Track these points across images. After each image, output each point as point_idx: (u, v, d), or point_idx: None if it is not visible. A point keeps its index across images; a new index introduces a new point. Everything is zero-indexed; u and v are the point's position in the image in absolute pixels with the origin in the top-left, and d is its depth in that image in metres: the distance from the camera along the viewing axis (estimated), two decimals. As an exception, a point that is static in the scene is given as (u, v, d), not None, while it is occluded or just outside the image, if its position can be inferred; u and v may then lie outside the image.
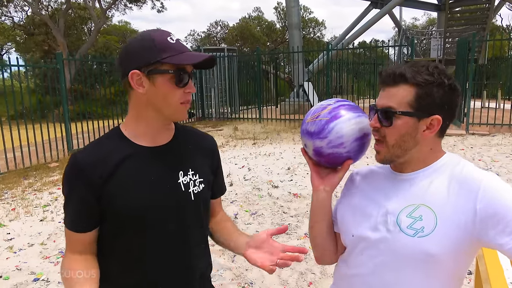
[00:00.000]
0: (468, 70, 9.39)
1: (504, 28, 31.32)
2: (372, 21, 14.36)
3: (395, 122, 0.97)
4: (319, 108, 1.11)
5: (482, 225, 0.88)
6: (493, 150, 7.68)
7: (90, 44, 22.30)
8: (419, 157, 1.01)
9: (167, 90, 1.02)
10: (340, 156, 1.08)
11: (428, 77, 0.94)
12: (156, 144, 1.10)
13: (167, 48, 1.00)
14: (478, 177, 0.92)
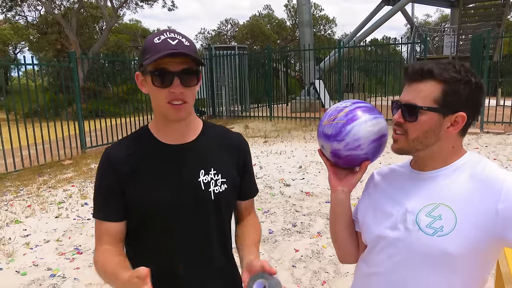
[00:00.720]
0: (483, 68, 9.23)
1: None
2: (384, 18, 14.20)
3: (420, 117, 0.96)
4: (335, 111, 1.11)
5: (504, 225, 0.87)
6: (508, 149, 7.54)
7: (102, 43, 22.51)
8: (441, 155, 1.00)
9: (151, 91, 1.05)
10: (358, 157, 1.09)
11: (455, 75, 0.94)
12: (180, 142, 1.13)
13: (149, 49, 1.02)
14: (501, 177, 0.91)
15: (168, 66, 1.00)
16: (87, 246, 3.78)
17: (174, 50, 0.99)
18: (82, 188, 5.79)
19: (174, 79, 1.01)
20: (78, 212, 4.74)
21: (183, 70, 1.01)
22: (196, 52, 1.07)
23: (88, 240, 3.91)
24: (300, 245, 3.62)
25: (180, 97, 1.02)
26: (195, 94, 1.11)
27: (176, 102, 1.03)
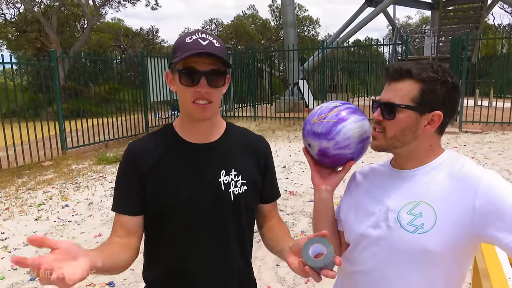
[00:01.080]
0: (462, 69, 9.47)
1: (496, 27, 31.60)
2: (366, 20, 14.42)
3: (398, 115, 0.98)
4: (325, 110, 1.13)
5: (481, 222, 0.89)
6: (485, 148, 7.77)
7: (83, 42, 22.11)
8: (419, 153, 1.03)
9: (179, 89, 1.07)
10: (345, 157, 1.11)
11: (433, 74, 0.97)
12: (202, 141, 1.14)
13: (180, 48, 1.03)
14: (478, 174, 0.93)
15: (197, 65, 1.02)
16: (68, 248, 3.71)
17: (203, 50, 1.00)
18: (63, 189, 5.68)
19: (201, 79, 1.02)
20: (59, 214, 4.65)
21: (211, 70, 1.03)
22: (226, 54, 1.08)
23: (69, 242, 3.84)
24: (284, 244, 3.65)
25: (205, 97, 1.04)
26: (221, 95, 1.11)
27: (201, 102, 1.04)
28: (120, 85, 11.07)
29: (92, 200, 5.14)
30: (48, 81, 8.28)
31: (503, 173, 5.89)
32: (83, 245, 3.55)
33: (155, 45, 33.14)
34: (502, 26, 31.78)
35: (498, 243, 0.89)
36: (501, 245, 0.88)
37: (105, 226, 4.25)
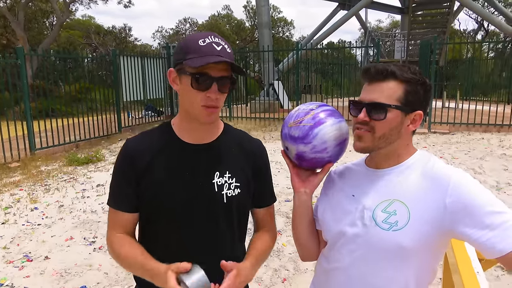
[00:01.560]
0: (430, 72, 9.82)
1: (461, 32, 32.93)
2: (339, 22, 14.69)
3: (388, 115, 1.00)
4: (302, 113, 1.11)
5: (451, 218, 0.94)
6: (453, 147, 8.08)
7: (52, 39, 21.34)
8: (397, 152, 1.06)
9: (188, 91, 1.06)
10: (322, 160, 1.11)
11: (413, 75, 1.01)
12: (199, 141, 1.14)
13: (193, 50, 1.03)
14: (448, 174, 0.98)
15: (210, 71, 1.02)
16: (38, 253, 3.58)
17: (221, 57, 1.01)
18: (32, 191, 5.48)
19: (212, 84, 1.03)
20: (28, 217, 4.48)
21: (222, 77, 1.03)
22: (233, 59, 1.09)
23: (39, 246, 3.71)
24: (261, 244, 3.67)
25: (215, 103, 1.05)
26: (224, 99, 1.11)
27: (212, 104, 1.05)
28: (91, 84, 10.78)
29: (63, 203, 4.98)
30: (15, 79, 7.95)
31: (469, 171, 6.13)
32: (53, 249, 3.46)
33: (127, 44, 32.46)
34: (467, 32, 33.18)
35: (467, 239, 0.93)
36: (470, 241, 0.93)
37: (76, 229, 4.13)
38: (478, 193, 0.93)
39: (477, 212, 0.91)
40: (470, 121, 10.02)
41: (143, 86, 11.21)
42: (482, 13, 15.55)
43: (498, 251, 0.88)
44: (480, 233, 0.90)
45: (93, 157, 7.45)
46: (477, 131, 9.86)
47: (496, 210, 0.90)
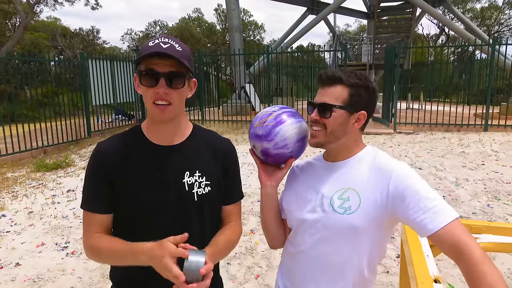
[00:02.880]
0: (395, 74, 10.25)
1: (425, 36, 34.35)
2: (308, 27, 15.02)
3: (333, 114, 1.17)
4: (265, 114, 1.27)
5: (393, 203, 1.10)
6: (417, 147, 8.48)
7: (16, 41, 20.60)
8: (347, 146, 1.23)
9: (142, 91, 1.12)
10: (284, 155, 1.26)
11: (358, 81, 1.18)
12: (168, 143, 1.19)
13: (143, 51, 1.08)
14: (391, 165, 1.16)
15: (156, 67, 1.06)
16: (8, 259, 3.53)
17: (161, 50, 1.05)
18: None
19: (160, 80, 1.07)
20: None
21: (170, 72, 1.07)
22: (188, 59, 1.11)
23: (9, 253, 3.65)
24: (234, 243, 3.77)
25: (164, 98, 1.08)
26: (183, 97, 1.14)
27: (161, 102, 1.08)
28: (58, 88, 10.51)
29: (32, 209, 4.89)
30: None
31: (431, 169, 6.50)
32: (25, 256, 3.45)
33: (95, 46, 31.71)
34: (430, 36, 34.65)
35: (406, 220, 1.09)
36: (407, 222, 1.09)
37: (48, 235, 4.08)
38: (415, 182, 1.10)
39: (414, 197, 1.07)
40: (432, 121, 10.53)
41: (113, 89, 11.06)
42: (443, 19, 16.35)
43: (427, 230, 1.04)
44: (415, 215, 1.06)
45: (62, 162, 7.30)
46: (439, 131, 10.38)
47: (429, 196, 1.07)
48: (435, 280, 1.47)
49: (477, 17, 31.60)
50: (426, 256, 1.63)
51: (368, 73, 17.54)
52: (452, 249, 1.01)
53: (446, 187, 5.47)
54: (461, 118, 10.37)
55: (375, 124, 11.15)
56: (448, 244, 1.01)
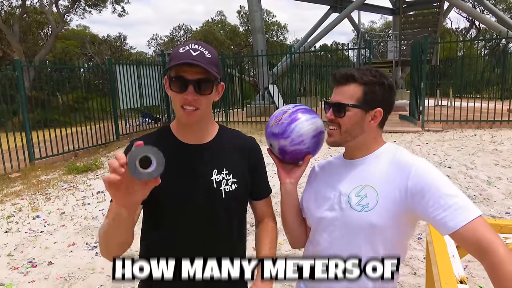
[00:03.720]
0: (422, 71, 9.98)
1: (453, 30, 33.25)
2: (332, 25, 14.87)
3: (347, 113, 1.17)
4: (280, 113, 1.29)
5: (412, 199, 1.07)
6: (446, 145, 8.22)
7: (48, 50, 21.47)
8: (365, 144, 1.22)
9: (171, 95, 1.16)
10: (301, 152, 1.27)
11: (372, 78, 1.16)
12: (196, 142, 1.23)
13: (173, 57, 1.12)
14: (410, 161, 1.13)
15: (186, 74, 1.10)
16: (41, 258, 3.69)
17: (190, 60, 1.09)
18: (33, 200, 5.57)
19: (189, 86, 1.11)
20: (30, 225, 4.58)
21: (198, 79, 1.11)
22: (217, 64, 1.15)
23: (42, 253, 3.81)
24: (249, 250, 3.77)
25: (192, 103, 1.12)
26: (211, 102, 1.18)
27: (188, 108, 1.12)
28: (87, 94, 10.89)
29: (64, 210, 5.08)
30: (12, 91, 8.06)
31: (461, 167, 6.28)
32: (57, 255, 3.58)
33: (123, 52, 32.62)
34: (459, 30, 33.50)
35: (425, 217, 1.06)
36: (427, 219, 1.06)
37: (78, 235, 4.23)
38: (435, 178, 1.07)
39: (434, 194, 1.04)
40: (463, 119, 10.17)
41: (140, 93, 11.33)
42: (472, 13, 15.79)
43: (449, 228, 1.01)
44: (435, 212, 1.03)
45: (92, 165, 7.56)
46: (470, 128, 10.01)
47: (450, 193, 1.03)
48: (461, 281, 1.42)
49: (510, 9, 30.28)
50: (452, 256, 1.58)
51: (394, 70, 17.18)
52: (475, 248, 0.97)
53: (477, 186, 5.27)
54: (493, 114, 9.96)
55: (403, 122, 10.90)
56: (471, 243, 0.98)
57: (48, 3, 21.90)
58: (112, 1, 23.71)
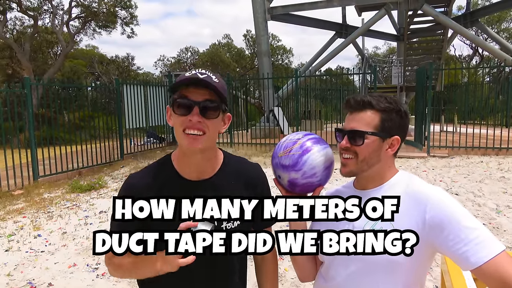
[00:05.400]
0: (427, 97, 10.00)
1: (457, 57, 33.59)
2: (337, 50, 15.05)
3: (366, 141, 1.12)
4: (289, 143, 1.22)
5: (431, 232, 1.03)
6: (452, 171, 8.14)
7: (57, 69, 21.87)
8: (380, 173, 1.17)
9: (174, 119, 1.09)
10: (313, 184, 1.21)
11: (388, 105, 1.13)
12: (199, 177, 1.17)
13: (179, 80, 1.07)
14: (427, 192, 1.08)
15: (191, 95, 1.04)
16: (41, 279, 3.61)
17: (194, 79, 1.04)
18: (35, 219, 5.52)
19: (193, 108, 1.04)
20: (31, 244, 4.51)
21: (205, 100, 1.04)
22: (224, 90, 1.09)
23: (42, 273, 3.74)
24: (263, 269, 3.68)
25: (196, 126, 1.04)
26: (217, 130, 1.11)
27: (192, 132, 1.05)
28: (93, 112, 10.97)
29: (66, 229, 5.02)
30: (20, 108, 8.13)
31: (468, 195, 6.19)
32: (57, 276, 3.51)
33: (130, 72, 33.10)
34: (463, 57, 33.85)
35: (445, 252, 1.02)
36: (447, 253, 1.02)
37: (79, 256, 4.15)
38: (454, 209, 1.03)
39: (454, 228, 1.00)
40: (468, 145, 10.11)
41: (146, 113, 11.42)
42: (476, 40, 15.96)
43: (470, 264, 0.96)
44: (456, 247, 0.98)
45: (96, 184, 7.52)
46: (476, 154, 9.94)
47: (470, 225, 0.99)
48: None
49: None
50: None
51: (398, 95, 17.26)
52: (499, 285, 0.92)
53: (486, 214, 5.18)
54: (499, 141, 9.91)
55: (408, 148, 10.85)
56: (494, 280, 0.93)
57: (59, 24, 22.43)
58: (122, 23, 24.23)
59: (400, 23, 19.50)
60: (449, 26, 13.44)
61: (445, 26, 13.80)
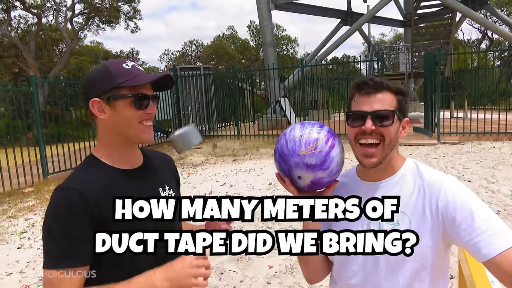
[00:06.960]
0: (436, 83, 9.83)
1: (466, 41, 33.00)
2: (342, 38, 14.85)
3: (394, 121, 1.05)
4: (311, 138, 1.05)
5: (444, 221, 0.99)
6: (463, 158, 8.01)
7: (63, 66, 21.91)
8: (391, 162, 1.10)
9: (128, 114, 1.07)
10: (333, 181, 1.10)
11: (399, 87, 1.09)
12: (133, 166, 1.17)
13: (122, 73, 1.06)
14: (438, 180, 1.04)
15: (145, 90, 1.10)
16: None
17: (155, 76, 1.09)
18: (46, 216, 5.55)
19: (150, 102, 1.11)
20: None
21: (155, 95, 1.13)
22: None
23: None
24: (274, 261, 3.65)
25: (150, 118, 1.13)
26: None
27: (150, 123, 1.12)
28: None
29: (76, 226, 5.03)
30: (27, 106, 8.16)
31: (481, 181, 6.08)
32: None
33: (135, 67, 33.08)
34: (472, 41, 33.24)
35: (458, 242, 0.97)
36: (460, 244, 0.97)
37: (91, 252, 4.16)
38: (467, 198, 0.99)
39: (466, 217, 0.96)
40: (480, 130, 9.94)
41: (152, 108, 11.41)
42: (485, 23, 15.63)
43: (482, 255, 0.92)
44: (469, 237, 0.94)
45: (105, 180, 7.53)
46: (488, 140, 9.77)
47: (483, 216, 0.95)
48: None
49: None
50: (492, 282, 1.46)
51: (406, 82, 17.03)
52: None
53: (500, 201, 5.08)
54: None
55: (418, 135, 10.71)
56: (506, 272, 0.89)
57: (63, 21, 22.46)
58: (125, 18, 24.16)
59: (406, 8, 19.17)
60: (457, 9, 13.14)
61: (453, 10, 13.50)
